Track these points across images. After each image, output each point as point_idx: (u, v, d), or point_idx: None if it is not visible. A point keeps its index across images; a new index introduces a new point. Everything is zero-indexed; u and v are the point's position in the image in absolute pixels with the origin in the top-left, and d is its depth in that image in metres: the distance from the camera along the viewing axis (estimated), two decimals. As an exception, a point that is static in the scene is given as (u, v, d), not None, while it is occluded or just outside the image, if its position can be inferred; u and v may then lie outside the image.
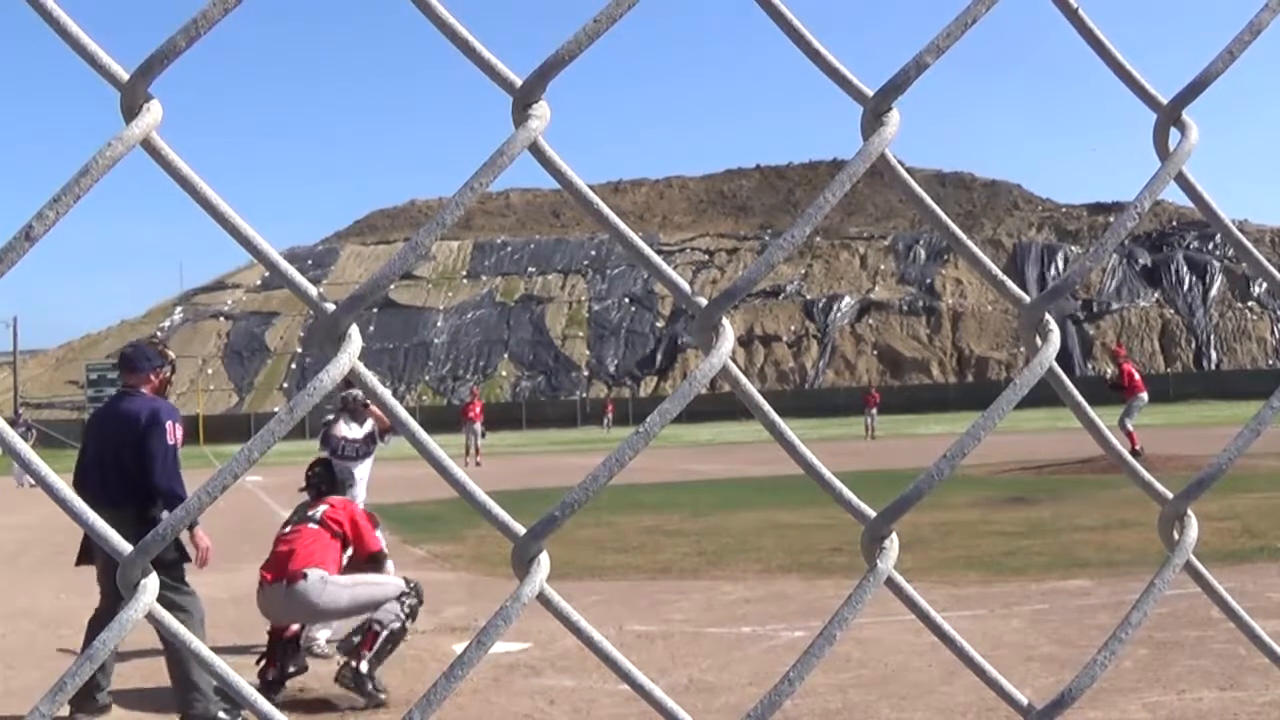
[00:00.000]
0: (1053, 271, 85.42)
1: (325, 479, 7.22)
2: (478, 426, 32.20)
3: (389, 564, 7.20)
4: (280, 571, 6.47)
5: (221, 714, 5.91)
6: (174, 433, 6.06)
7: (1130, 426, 19.88)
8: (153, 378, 6.30)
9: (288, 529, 6.83)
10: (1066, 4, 0.91)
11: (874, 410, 42.45)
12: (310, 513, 6.85)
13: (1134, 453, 18.32)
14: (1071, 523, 12.77)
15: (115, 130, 0.68)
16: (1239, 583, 8.28)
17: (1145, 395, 20.62)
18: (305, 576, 6.41)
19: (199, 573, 7.56)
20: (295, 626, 6.75)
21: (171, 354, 6.63)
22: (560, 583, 7.19)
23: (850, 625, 0.82)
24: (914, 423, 50.39)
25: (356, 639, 6.40)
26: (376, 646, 6.36)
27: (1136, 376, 20.71)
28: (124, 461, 6.02)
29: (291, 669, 6.67)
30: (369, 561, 6.82)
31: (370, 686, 6.27)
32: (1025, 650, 6.86)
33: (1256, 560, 9.65)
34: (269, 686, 6.43)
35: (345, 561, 6.72)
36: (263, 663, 6.61)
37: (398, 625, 6.46)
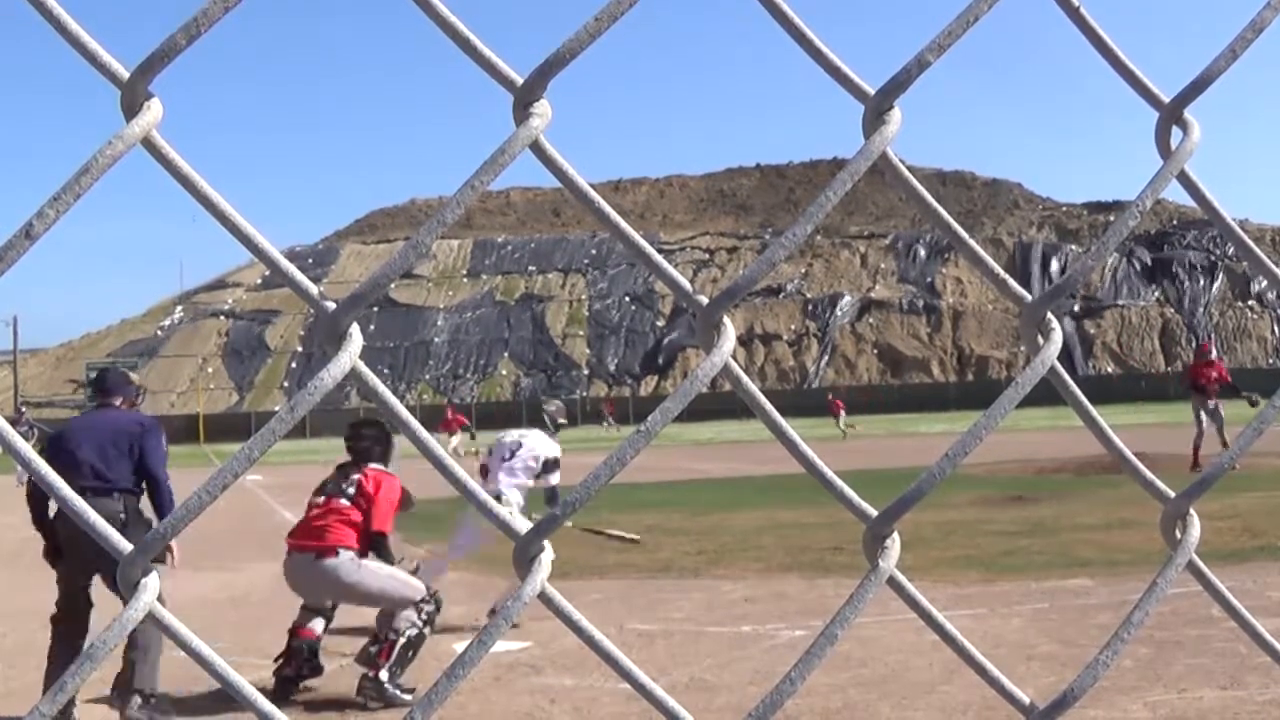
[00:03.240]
0: (1037, 267, 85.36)
1: (380, 442, 6.83)
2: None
3: (404, 566, 6.84)
4: (310, 543, 6.40)
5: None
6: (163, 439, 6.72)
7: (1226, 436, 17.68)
8: (130, 401, 6.93)
9: (321, 499, 6.63)
10: (1068, 2, 0.91)
11: (842, 414, 42.16)
12: (345, 486, 6.61)
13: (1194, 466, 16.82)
14: (1072, 522, 12.76)
15: (116, 128, 0.68)
16: (1239, 581, 8.28)
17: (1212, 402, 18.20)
18: (336, 554, 6.36)
19: (200, 572, 7.58)
20: (318, 630, 6.63)
21: (138, 380, 7.32)
22: (561, 582, 7.14)
23: (852, 624, 0.82)
24: (914, 422, 50.39)
25: (374, 649, 6.33)
26: (395, 655, 6.31)
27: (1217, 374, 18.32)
28: (127, 453, 6.34)
29: (306, 671, 6.59)
30: (366, 537, 6.52)
31: (391, 692, 6.23)
32: (1026, 649, 6.86)
33: (1257, 559, 9.65)
34: (284, 684, 6.40)
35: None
36: (280, 660, 6.55)
37: (415, 632, 6.40)
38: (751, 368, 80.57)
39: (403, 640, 6.33)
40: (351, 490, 6.57)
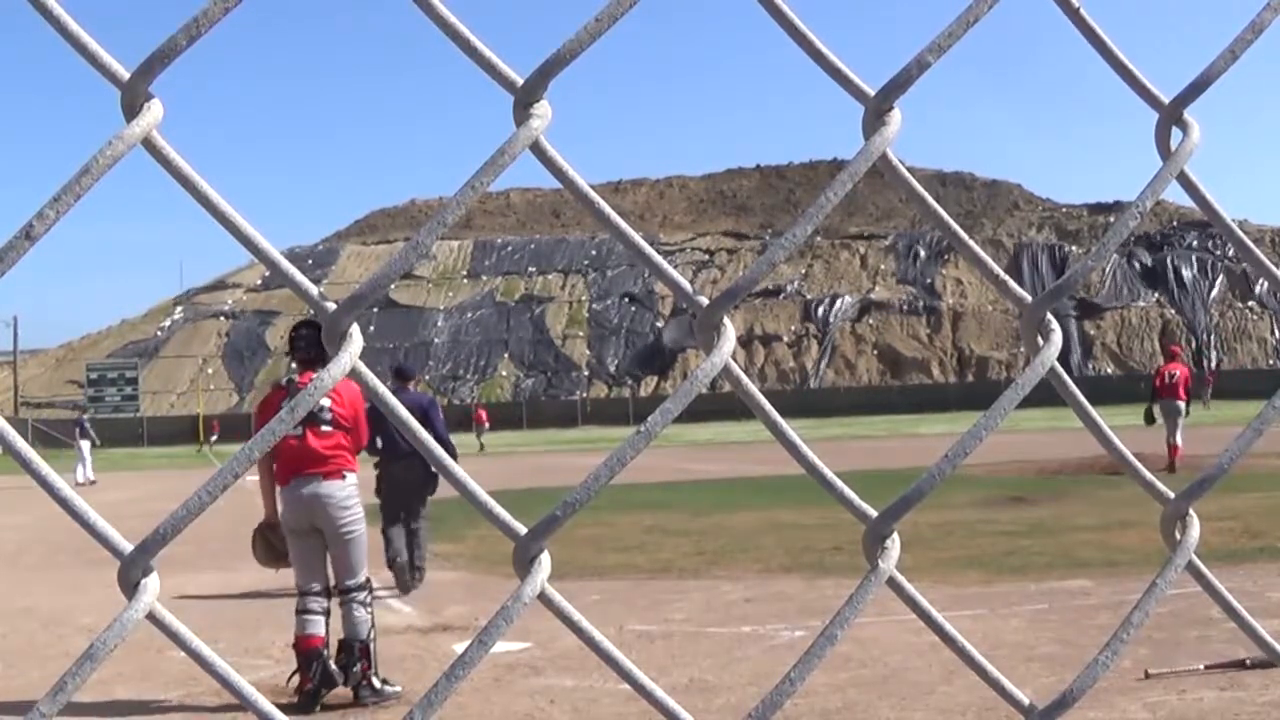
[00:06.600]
0: (1032, 265, 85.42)
1: (316, 344, 6.51)
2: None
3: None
4: (315, 468, 6.50)
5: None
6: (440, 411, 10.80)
7: (1178, 440, 18.26)
8: (417, 381, 11.02)
9: (303, 431, 6.44)
10: (1068, 3, 0.91)
11: (485, 426, 42.80)
12: (320, 413, 6.52)
13: (1170, 468, 17.20)
14: (1072, 523, 12.77)
15: (116, 129, 0.68)
16: (1239, 582, 8.28)
17: (1180, 403, 18.87)
18: (343, 476, 6.56)
19: (200, 572, 7.58)
20: (320, 632, 6.49)
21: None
22: (561, 582, 7.07)
23: (851, 625, 0.82)
24: (914, 423, 50.38)
25: (356, 666, 6.45)
26: (374, 656, 6.54)
27: (1174, 379, 19.04)
28: (421, 425, 7.24)
29: (320, 681, 6.46)
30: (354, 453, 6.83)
31: (389, 691, 6.47)
32: (1025, 650, 6.86)
33: (1257, 560, 9.66)
34: (307, 699, 6.36)
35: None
36: (295, 679, 6.48)
37: (374, 631, 6.64)
38: (751, 368, 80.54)
39: (372, 643, 6.55)
40: (329, 416, 6.63)
